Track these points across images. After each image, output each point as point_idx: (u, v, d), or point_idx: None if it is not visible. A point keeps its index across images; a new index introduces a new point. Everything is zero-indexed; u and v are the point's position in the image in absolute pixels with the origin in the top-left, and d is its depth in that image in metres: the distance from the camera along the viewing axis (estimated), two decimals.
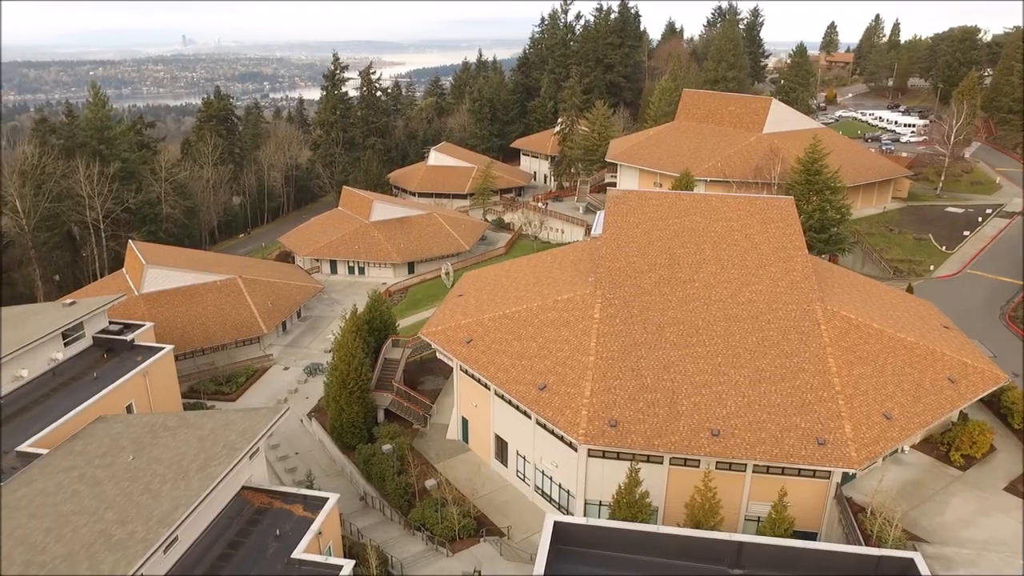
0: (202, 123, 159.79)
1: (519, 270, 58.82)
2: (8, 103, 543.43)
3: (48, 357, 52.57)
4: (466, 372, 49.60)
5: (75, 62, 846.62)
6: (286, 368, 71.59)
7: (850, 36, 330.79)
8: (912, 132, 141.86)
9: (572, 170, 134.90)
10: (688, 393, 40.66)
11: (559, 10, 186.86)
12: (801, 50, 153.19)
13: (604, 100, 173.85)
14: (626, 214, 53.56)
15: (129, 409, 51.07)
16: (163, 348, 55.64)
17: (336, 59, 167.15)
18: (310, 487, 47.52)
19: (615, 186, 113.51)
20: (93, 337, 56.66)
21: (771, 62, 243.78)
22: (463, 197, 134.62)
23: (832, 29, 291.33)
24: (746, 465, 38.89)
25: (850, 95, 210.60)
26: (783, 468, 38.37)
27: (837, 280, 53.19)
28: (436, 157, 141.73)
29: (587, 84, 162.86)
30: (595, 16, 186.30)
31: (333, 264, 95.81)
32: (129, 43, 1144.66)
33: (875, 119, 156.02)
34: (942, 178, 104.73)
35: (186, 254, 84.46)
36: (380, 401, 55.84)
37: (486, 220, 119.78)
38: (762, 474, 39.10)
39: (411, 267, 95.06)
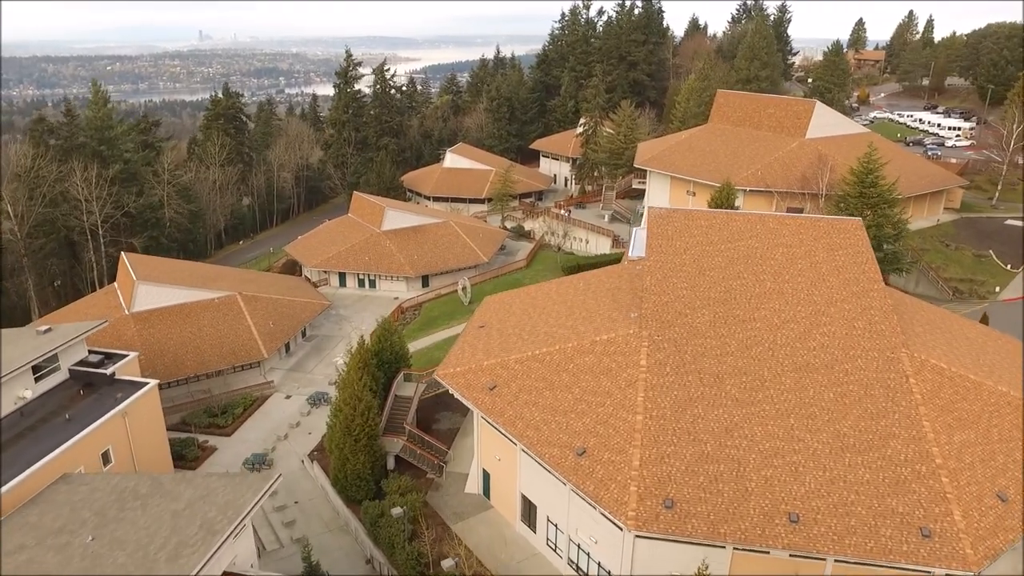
0: (210, 122, 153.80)
1: (548, 298, 52.17)
2: (27, 97, 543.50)
3: (15, 396, 46.41)
4: (488, 421, 43.04)
5: (93, 57, 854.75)
6: (288, 397, 65.28)
7: (877, 33, 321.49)
8: (957, 135, 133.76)
9: (595, 174, 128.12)
10: (757, 464, 33.91)
11: (580, 6, 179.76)
12: (836, 48, 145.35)
13: (628, 99, 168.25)
14: (671, 237, 46.82)
15: (106, 456, 44.87)
16: (146, 384, 49.34)
17: (349, 56, 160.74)
18: (308, 559, 40.97)
19: (643, 193, 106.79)
20: (69, 370, 50.47)
21: (796, 60, 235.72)
22: (480, 202, 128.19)
23: (860, 26, 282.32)
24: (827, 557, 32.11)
25: (882, 95, 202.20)
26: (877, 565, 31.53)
27: (915, 315, 46.16)
28: (452, 159, 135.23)
29: (610, 83, 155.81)
30: (617, 12, 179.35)
31: (342, 276, 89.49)
32: (147, 39, 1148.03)
33: (915, 121, 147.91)
34: (998, 187, 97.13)
35: (182, 267, 78.27)
36: (390, 447, 49.39)
37: (504, 227, 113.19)
38: (846, 563, 32.27)
39: (425, 280, 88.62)
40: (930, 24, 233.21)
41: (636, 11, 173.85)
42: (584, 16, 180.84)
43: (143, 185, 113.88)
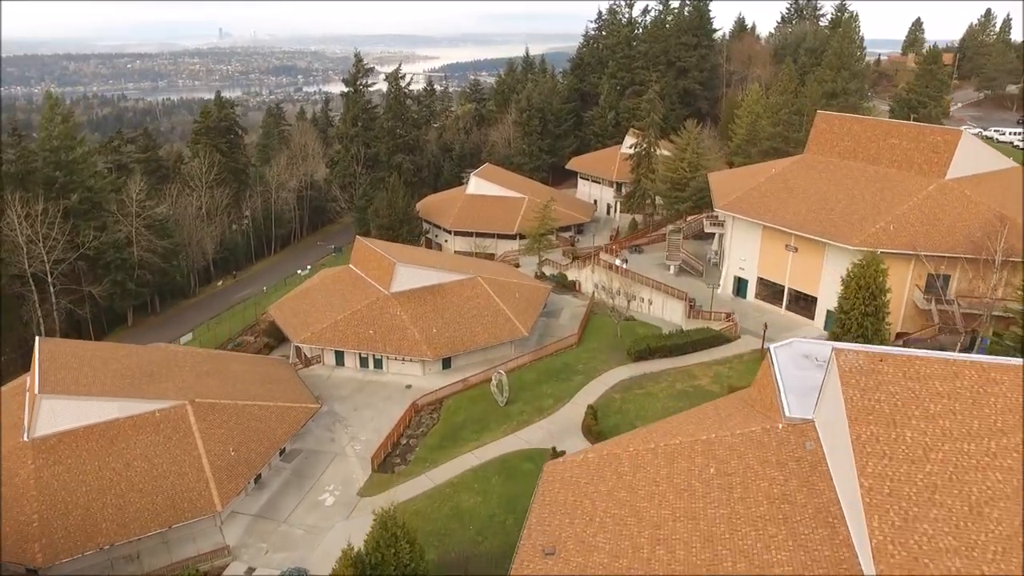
0: (198, 136, 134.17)
1: (651, 480, 31.68)
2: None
3: None
4: None
5: (114, 55, 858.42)
6: (252, 571, 45.10)
7: (935, 34, 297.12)
8: None
9: (649, 203, 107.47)
10: None
11: (623, 5, 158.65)
12: (933, 54, 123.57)
13: (681, 112, 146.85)
14: (889, 417, 26.22)
15: None
16: None
17: (359, 61, 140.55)
18: None
19: (717, 235, 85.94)
20: None
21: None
22: (511, 237, 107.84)
23: (917, 27, 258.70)
24: None
25: (959, 104, 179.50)
26: None
27: None
28: (477, 184, 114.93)
29: (658, 93, 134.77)
30: (659, 12, 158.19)
31: (339, 354, 69.37)
32: (167, 36, 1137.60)
33: (1019, 138, 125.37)
34: None
35: (107, 356, 57.06)
36: None
37: (542, 275, 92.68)
38: None
39: (447, 361, 68.34)
40: (1007, 24, 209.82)
41: (687, 10, 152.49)
42: (626, 16, 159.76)
43: (106, 219, 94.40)
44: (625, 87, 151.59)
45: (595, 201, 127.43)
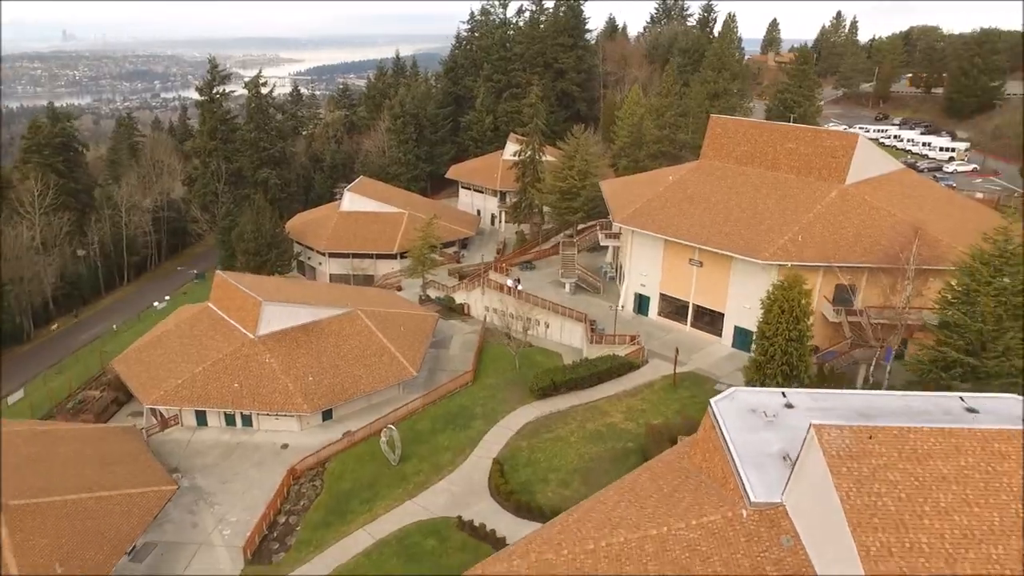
0: (28, 154, 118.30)
1: None
2: None
3: None
4: None
5: None
6: None
7: (789, 34, 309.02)
8: (952, 158, 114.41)
9: (536, 214, 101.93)
10: None
11: (496, 5, 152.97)
12: (804, 55, 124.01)
13: (560, 115, 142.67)
14: (888, 513, 21.04)
15: None
16: None
17: (214, 67, 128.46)
18: None
19: (612, 248, 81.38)
20: None
21: None
22: (391, 257, 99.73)
23: (774, 27, 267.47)
24: None
25: (822, 102, 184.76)
26: None
27: None
28: (352, 200, 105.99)
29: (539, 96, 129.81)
30: (532, 12, 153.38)
31: (201, 414, 59.63)
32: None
33: (888, 138, 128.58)
34: None
35: None
36: None
37: (428, 298, 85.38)
38: None
39: (328, 412, 59.95)
40: (855, 25, 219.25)
41: (561, 10, 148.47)
42: (499, 16, 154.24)
43: None
44: (502, 90, 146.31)
45: (479, 212, 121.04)
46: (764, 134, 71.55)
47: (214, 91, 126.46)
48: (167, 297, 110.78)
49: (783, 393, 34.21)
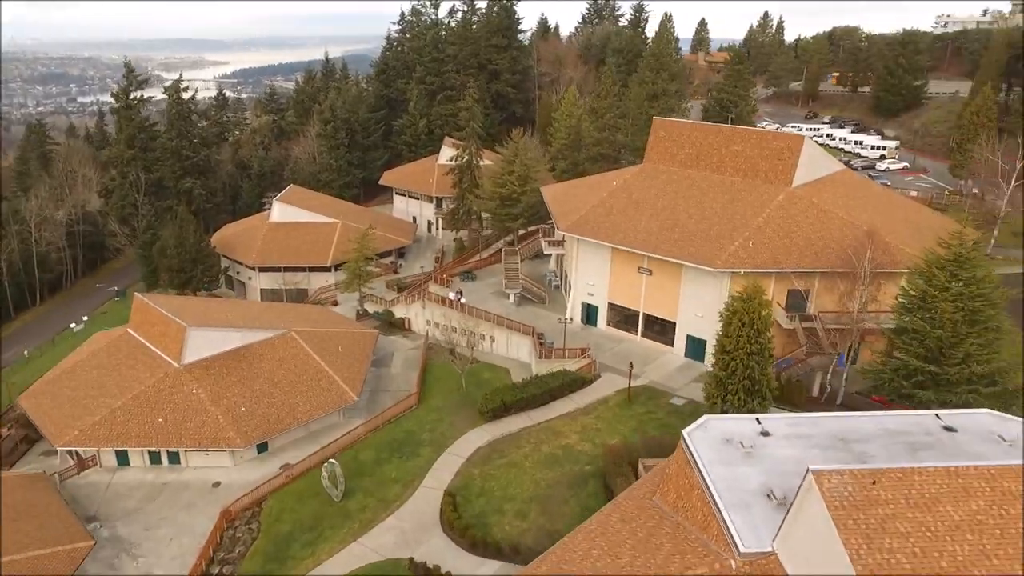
0: None
1: None
2: None
3: None
4: None
5: None
6: None
7: (717, 34, 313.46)
8: (883, 156, 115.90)
9: (475, 220, 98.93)
10: None
11: (428, 5, 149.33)
12: (739, 55, 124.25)
13: (496, 117, 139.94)
14: (903, 572, 18.67)
15: None
16: None
17: (130, 71, 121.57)
18: None
19: (555, 255, 78.93)
20: None
21: None
22: (326, 269, 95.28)
23: (703, 27, 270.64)
24: None
25: (755, 102, 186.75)
26: None
27: None
28: (282, 210, 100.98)
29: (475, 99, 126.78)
30: (464, 12, 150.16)
31: (122, 452, 54.67)
32: None
33: (821, 137, 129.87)
34: (995, 231, 77.66)
35: None
36: None
37: (365, 312, 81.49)
38: None
39: (263, 445, 55.70)
40: (781, 26, 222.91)
41: (494, 11, 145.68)
42: (431, 17, 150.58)
43: None
44: (436, 92, 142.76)
45: (415, 219, 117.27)
46: (709, 136, 70.08)
47: (131, 96, 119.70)
48: (85, 317, 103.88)
49: (757, 419, 32.05)
